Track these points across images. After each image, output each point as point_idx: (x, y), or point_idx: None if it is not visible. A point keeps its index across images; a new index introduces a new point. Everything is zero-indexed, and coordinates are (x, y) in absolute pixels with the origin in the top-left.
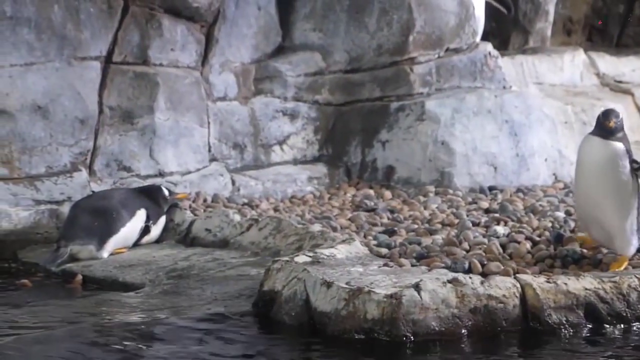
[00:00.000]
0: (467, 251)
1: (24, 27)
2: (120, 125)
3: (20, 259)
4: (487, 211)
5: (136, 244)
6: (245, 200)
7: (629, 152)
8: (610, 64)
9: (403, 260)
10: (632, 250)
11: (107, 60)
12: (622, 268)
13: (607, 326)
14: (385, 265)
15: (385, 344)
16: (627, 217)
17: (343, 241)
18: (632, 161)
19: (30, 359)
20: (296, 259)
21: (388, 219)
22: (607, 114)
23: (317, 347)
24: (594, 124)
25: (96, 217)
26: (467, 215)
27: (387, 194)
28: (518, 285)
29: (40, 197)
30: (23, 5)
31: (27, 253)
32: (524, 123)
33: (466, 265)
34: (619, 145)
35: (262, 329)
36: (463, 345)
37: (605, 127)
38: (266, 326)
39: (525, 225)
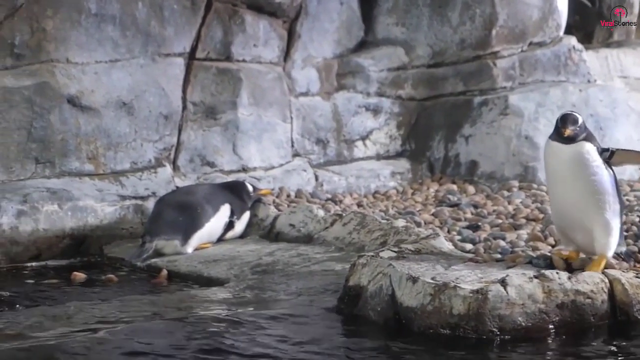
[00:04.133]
0: (553, 246)
1: (109, 24)
2: (204, 121)
3: (106, 254)
4: None
5: (220, 239)
6: (329, 196)
7: (595, 145)
8: None
9: (488, 256)
10: (612, 250)
11: (191, 57)
12: (600, 269)
13: None
14: (470, 260)
15: (471, 339)
16: (610, 211)
17: (427, 236)
18: (602, 151)
19: (119, 353)
20: (381, 254)
21: (472, 214)
22: (564, 120)
23: (403, 343)
24: None
25: (181, 212)
26: None
27: (470, 188)
28: (606, 281)
29: (125, 192)
30: (108, 3)
31: (112, 248)
32: (609, 117)
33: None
34: (583, 144)
35: (347, 324)
36: (550, 341)
37: (562, 134)
38: (352, 321)
39: None
